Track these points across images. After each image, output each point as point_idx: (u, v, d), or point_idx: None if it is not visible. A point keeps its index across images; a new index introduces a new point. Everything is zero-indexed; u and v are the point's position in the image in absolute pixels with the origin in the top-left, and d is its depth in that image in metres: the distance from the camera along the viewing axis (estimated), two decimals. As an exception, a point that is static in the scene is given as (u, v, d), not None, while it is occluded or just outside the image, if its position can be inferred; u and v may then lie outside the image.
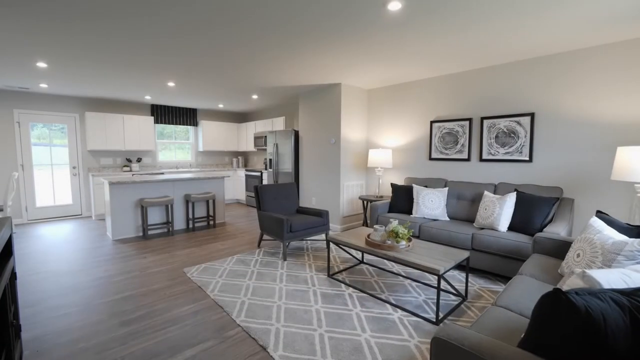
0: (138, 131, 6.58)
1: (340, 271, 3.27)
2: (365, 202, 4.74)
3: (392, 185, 4.25)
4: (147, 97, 6.10)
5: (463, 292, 2.81)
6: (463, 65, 3.84)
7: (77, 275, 3.23)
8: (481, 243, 3.06)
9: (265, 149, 7.45)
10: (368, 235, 2.97)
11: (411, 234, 2.72)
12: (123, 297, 2.74)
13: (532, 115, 3.52)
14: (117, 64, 3.83)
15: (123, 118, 6.36)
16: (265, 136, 6.93)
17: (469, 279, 3.09)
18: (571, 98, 3.28)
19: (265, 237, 4.56)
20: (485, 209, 3.30)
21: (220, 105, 7.17)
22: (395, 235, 2.65)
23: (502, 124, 3.74)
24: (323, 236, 4.61)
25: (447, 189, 3.88)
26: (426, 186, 4.15)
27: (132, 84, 4.92)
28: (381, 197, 4.68)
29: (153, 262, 3.61)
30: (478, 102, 3.96)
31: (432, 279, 3.08)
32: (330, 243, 4.13)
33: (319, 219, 3.91)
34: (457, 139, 4.15)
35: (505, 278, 3.12)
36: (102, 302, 2.65)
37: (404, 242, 2.67)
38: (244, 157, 8.65)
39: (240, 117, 8.64)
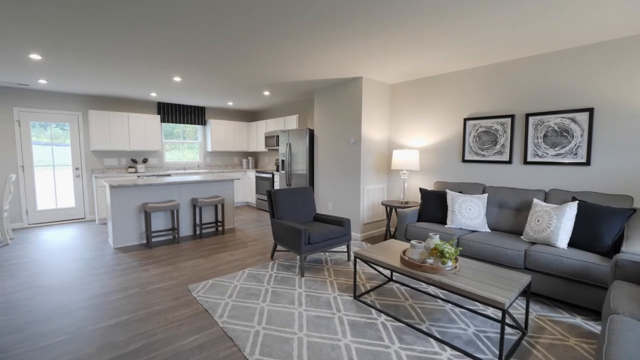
0: (144, 130, 6.25)
1: (367, 291, 2.83)
2: (388, 209, 4.29)
3: (422, 190, 3.79)
4: (153, 94, 5.75)
5: (522, 324, 2.33)
6: (504, 54, 3.36)
7: (70, 292, 2.86)
8: (536, 262, 2.58)
9: (276, 149, 7.05)
10: (403, 252, 2.53)
11: (458, 253, 2.25)
12: (118, 322, 2.35)
13: (590, 110, 3.02)
14: (117, 56, 3.46)
15: (128, 116, 6.03)
16: (277, 135, 6.53)
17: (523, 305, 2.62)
18: (642, 90, 2.77)
19: (279, 247, 4.14)
20: (538, 221, 2.82)
21: (230, 103, 6.80)
22: (440, 254, 2.19)
23: (553, 121, 3.24)
24: (344, 247, 4.17)
25: (486, 195, 3.41)
26: (460, 192, 3.68)
27: (135, 80, 4.57)
28: (406, 203, 4.22)
29: (155, 276, 3.23)
30: (522, 97, 3.46)
31: (480, 304, 2.62)
32: (353, 255, 3.69)
33: (339, 228, 3.47)
34: (496, 138, 3.66)
35: (568, 305, 2.62)
36: (94, 329, 2.26)
37: (450, 263, 2.21)
38: (254, 158, 8.27)
39: (251, 116, 8.26)
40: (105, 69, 3.97)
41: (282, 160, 5.97)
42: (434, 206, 3.62)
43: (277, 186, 6.42)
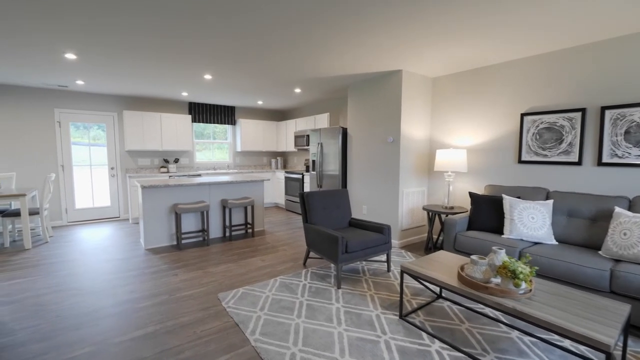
0: (175, 130, 6.26)
1: (414, 310, 2.49)
2: (431, 214, 3.90)
3: (472, 194, 3.38)
4: (184, 94, 5.72)
5: (614, 362, 1.91)
6: (576, 37, 2.88)
7: (100, 296, 2.77)
8: (629, 285, 2.13)
9: (306, 149, 6.83)
10: (461, 268, 2.17)
11: (534, 274, 1.87)
12: (145, 334, 2.19)
13: (691, 101, 2.49)
14: (148, 52, 3.36)
15: (160, 116, 6.05)
16: (308, 135, 6.30)
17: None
18: None
19: (312, 254, 3.89)
20: (625, 234, 2.34)
21: (260, 102, 6.66)
22: (511, 274, 1.82)
23: (638, 115, 2.73)
24: (383, 256, 3.84)
25: (551, 201, 2.94)
26: (519, 197, 3.23)
27: (167, 78, 4.51)
28: (451, 208, 3.81)
29: (184, 281, 3.08)
30: (596, 87, 2.97)
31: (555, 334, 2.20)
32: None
33: (379, 236, 3.15)
34: (562, 135, 3.18)
35: (664, 337, 2.15)
36: (120, 341, 2.11)
37: (524, 285, 1.84)
38: (283, 158, 8.10)
39: (280, 115, 8.10)
40: (138, 64, 3.91)
41: (313, 161, 5.73)
42: (487, 213, 3.20)
43: (307, 187, 6.19)
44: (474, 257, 2.07)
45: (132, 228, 5.31)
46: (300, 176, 6.36)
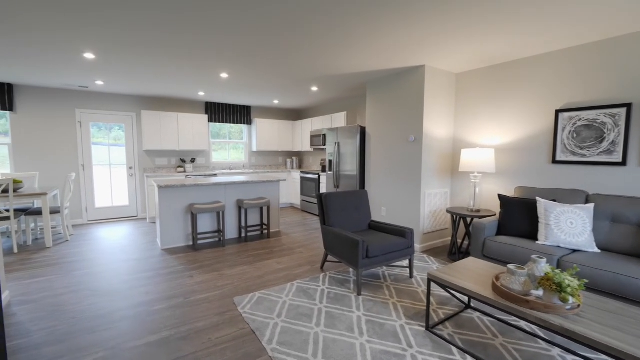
0: (192, 130, 6.26)
1: (442, 321, 2.32)
2: (456, 217, 3.69)
3: (502, 197, 3.16)
4: (201, 94, 5.70)
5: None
6: (621, 26, 2.63)
7: (116, 297, 2.73)
8: (689, 301, 1.89)
9: (322, 149, 6.71)
10: (496, 278, 1.99)
11: (583, 287, 1.67)
12: (159, 339, 2.12)
13: None
14: (165, 49, 3.32)
15: (177, 116, 6.07)
16: (324, 134, 6.17)
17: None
18: None
19: (330, 257, 3.75)
20: (682, 243, 2.09)
21: (276, 102, 6.58)
22: (556, 288, 1.63)
23: (694, 110, 2.45)
24: (404, 261, 3.66)
25: (591, 205, 2.70)
26: (554, 200, 2.99)
27: (184, 77, 4.48)
28: (478, 211, 3.60)
29: (200, 284, 3.01)
30: (644, 80, 2.70)
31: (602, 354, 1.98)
32: (414, 269, 3.18)
33: (401, 240, 2.99)
34: (603, 133, 2.92)
35: None
36: (133, 346, 2.05)
37: (572, 300, 1.64)
38: (299, 158, 8.01)
39: (295, 115, 8.01)
40: (155, 63, 3.89)
41: (330, 161, 5.60)
42: (518, 217, 2.98)
43: (323, 188, 6.06)
44: (511, 266, 1.88)
45: (149, 227, 5.33)
46: (316, 176, 6.24)
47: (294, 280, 3.07)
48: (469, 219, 3.91)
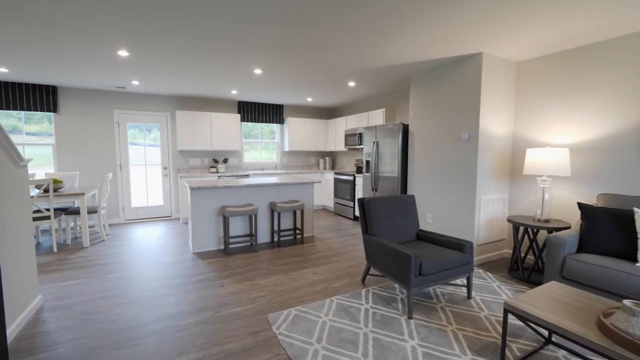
0: (224, 130, 6.16)
1: (519, 360, 1.89)
2: (519, 228, 3.18)
3: (582, 206, 2.63)
4: (234, 92, 5.56)
5: None
6: None
7: (144, 307, 2.56)
8: None
9: (357, 149, 6.35)
10: (602, 315, 1.54)
11: None
12: (187, 362, 1.89)
13: None
14: (198, 43, 3.14)
15: (210, 116, 5.99)
16: (360, 133, 5.80)
17: None
18: None
19: (372, 270, 3.39)
20: None
21: (309, 99, 6.31)
22: None
23: None
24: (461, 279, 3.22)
25: None
26: (656, 212, 2.42)
27: (218, 74, 4.32)
28: (547, 221, 3.07)
29: (231, 295, 2.78)
30: None
31: None
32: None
33: (458, 254, 2.57)
34: None
35: None
36: (159, 370, 1.83)
37: None
38: (332, 158, 7.69)
39: (329, 113, 7.70)
40: (187, 63, 3.75)
41: (367, 161, 5.22)
42: (607, 231, 2.45)
43: (359, 190, 5.70)
44: (627, 302, 1.43)
45: (182, 228, 5.27)
46: (351, 178, 5.88)
47: (333, 296, 2.75)
48: (535, 230, 3.38)
